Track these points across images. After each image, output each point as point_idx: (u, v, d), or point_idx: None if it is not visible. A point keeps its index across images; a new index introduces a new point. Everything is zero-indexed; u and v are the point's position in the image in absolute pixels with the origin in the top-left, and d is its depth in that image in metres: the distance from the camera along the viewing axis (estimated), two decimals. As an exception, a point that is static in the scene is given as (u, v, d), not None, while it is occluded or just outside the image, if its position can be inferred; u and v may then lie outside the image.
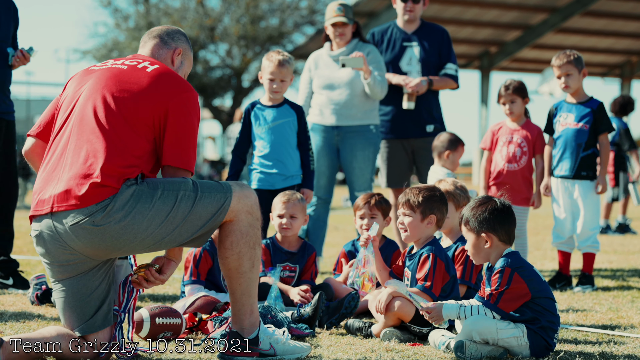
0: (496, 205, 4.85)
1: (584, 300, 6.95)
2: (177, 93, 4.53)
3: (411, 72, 8.68)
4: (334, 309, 5.73)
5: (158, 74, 4.56)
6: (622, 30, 39.53)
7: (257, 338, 4.59)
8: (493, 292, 4.73)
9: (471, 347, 4.67)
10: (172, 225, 4.39)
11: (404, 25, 8.80)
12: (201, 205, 4.43)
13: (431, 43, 8.71)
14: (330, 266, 8.30)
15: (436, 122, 8.72)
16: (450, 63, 8.73)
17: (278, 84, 7.25)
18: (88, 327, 4.48)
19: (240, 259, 4.51)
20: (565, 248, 7.83)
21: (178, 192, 4.42)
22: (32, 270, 8.43)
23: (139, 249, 4.44)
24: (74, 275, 4.45)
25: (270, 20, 41.35)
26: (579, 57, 7.75)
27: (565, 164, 7.75)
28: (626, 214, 14.50)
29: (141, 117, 4.45)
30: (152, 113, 4.46)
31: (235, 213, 4.49)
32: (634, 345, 5.06)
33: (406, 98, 8.54)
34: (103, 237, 4.32)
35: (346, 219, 16.25)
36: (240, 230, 4.50)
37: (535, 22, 37.56)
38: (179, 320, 5.28)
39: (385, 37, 8.79)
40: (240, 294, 4.57)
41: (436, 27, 8.87)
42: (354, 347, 4.99)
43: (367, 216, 6.43)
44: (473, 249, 4.89)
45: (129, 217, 4.32)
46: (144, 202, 4.35)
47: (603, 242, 11.74)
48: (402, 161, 8.72)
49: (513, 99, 7.99)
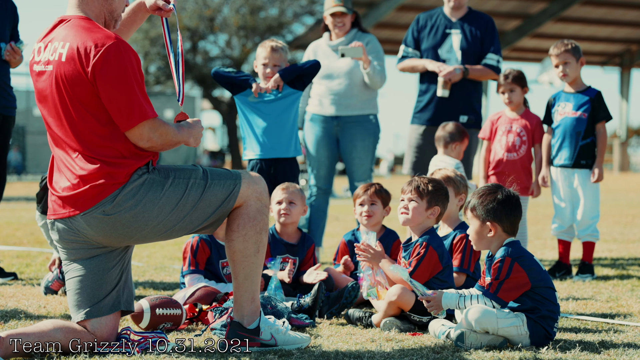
0: (505, 196, 4.85)
1: (583, 289, 6.96)
2: (91, 59, 4.36)
3: (450, 60, 8.52)
4: (334, 299, 5.74)
5: (68, 57, 4.39)
6: (621, 19, 39.49)
7: (258, 328, 4.60)
8: (493, 282, 4.73)
9: (471, 337, 4.67)
10: (183, 212, 4.46)
11: (450, 12, 8.63)
12: (211, 193, 4.51)
13: (474, 31, 8.52)
14: (331, 256, 8.30)
15: (472, 113, 8.55)
16: (491, 53, 8.51)
17: (271, 69, 7.23)
18: (96, 310, 4.49)
19: (246, 242, 4.56)
20: (565, 237, 7.84)
21: (189, 180, 4.50)
22: (32, 261, 8.43)
23: (150, 237, 4.51)
24: (88, 257, 4.51)
25: (269, 11, 41.29)
26: (576, 46, 7.75)
27: (565, 152, 7.76)
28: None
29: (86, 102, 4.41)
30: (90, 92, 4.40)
31: (244, 199, 4.57)
32: (634, 333, 5.07)
33: (441, 85, 8.36)
34: (115, 225, 4.40)
35: (346, 209, 16.24)
36: (248, 214, 4.57)
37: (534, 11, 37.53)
38: (179, 311, 5.28)
39: (429, 23, 8.64)
40: (243, 278, 4.59)
41: (482, 15, 8.67)
42: (354, 337, 5.00)
43: (367, 203, 6.43)
44: (476, 236, 4.89)
45: (140, 205, 4.39)
46: (155, 190, 4.42)
47: (603, 231, 11.75)
48: (428, 149, 8.46)
49: (512, 87, 7.99)
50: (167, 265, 8.40)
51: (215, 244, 6.20)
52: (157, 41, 40.63)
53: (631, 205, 18.78)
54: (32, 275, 7.60)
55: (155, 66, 43.84)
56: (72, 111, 4.40)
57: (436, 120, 8.44)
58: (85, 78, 4.35)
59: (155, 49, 41.22)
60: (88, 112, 4.39)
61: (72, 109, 4.40)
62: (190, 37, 41.33)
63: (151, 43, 40.78)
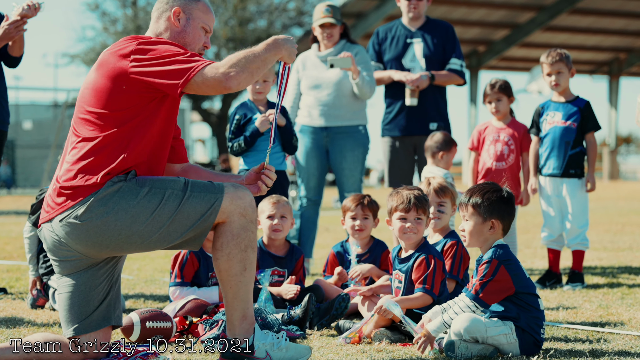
0: (508, 194, 4.87)
1: (574, 297, 6.97)
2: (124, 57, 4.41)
3: (414, 69, 8.53)
4: (325, 310, 5.73)
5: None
6: (609, 28, 39.66)
7: (252, 347, 4.48)
8: (477, 282, 4.73)
9: (462, 347, 4.67)
10: (159, 224, 4.35)
11: (409, 22, 8.66)
12: (189, 205, 4.37)
13: (435, 39, 8.55)
14: (321, 267, 8.29)
15: (441, 119, 8.55)
16: (454, 58, 8.55)
17: (261, 85, 7.23)
18: (84, 326, 4.47)
19: (230, 261, 4.43)
20: (555, 246, 7.85)
21: (165, 190, 4.37)
22: (22, 275, 8.41)
23: (127, 248, 4.42)
24: (76, 271, 4.46)
25: (258, 22, 41.37)
26: (568, 55, 7.77)
27: (553, 162, 7.77)
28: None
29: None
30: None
31: (227, 214, 4.41)
32: (624, 342, 5.07)
33: (409, 94, 8.39)
34: (88, 232, 4.33)
35: (337, 220, 16.23)
36: (232, 232, 4.42)
37: (522, 20, 37.67)
38: (169, 323, 5.27)
39: (389, 35, 8.66)
40: (231, 297, 4.49)
41: (441, 22, 8.72)
42: (344, 349, 4.99)
43: (359, 217, 6.42)
44: (474, 232, 4.85)
45: (112, 212, 4.31)
46: (128, 199, 4.33)
47: (593, 239, 11.77)
48: (405, 160, 8.52)
49: (499, 97, 8.00)
50: (157, 278, 8.39)
51: (204, 256, 6.18)
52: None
53: (621, 214, 18.83)
54: (22, 289, 7.58)
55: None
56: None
57: (407, 130, 8.48)
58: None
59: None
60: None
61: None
62: (179, 49, 41.27)
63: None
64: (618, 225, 15.16)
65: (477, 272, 4.79)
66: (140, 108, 4.41)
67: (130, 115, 4.40)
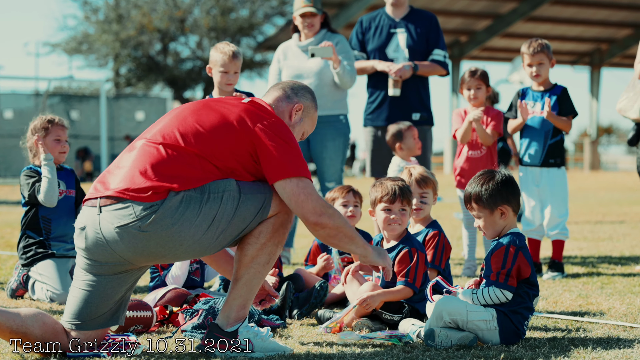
0: (503, 176, 4.86)
1: (553, 287, 6.99)
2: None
3: (398, 59, 8.52)
4: (304, 300, 5.73)
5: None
6: (591, 19, 39.76)
7: (236, 332, 4.49)
8: (501, 271, 4.72)
9: (441, 335, 4.67)
10: (218, 230, 4.35)
11: (392, 11, 8.65)
12: (244, 207, 4.39)
13: (419, 29, 8.54)
14: (302, 257, 8.30)
15: (424, 110, 8.57)
16: (438, 49, 8.55)
17: (232, 76, 7.17)
18: (87, 325, 4.42)
19: (261, 250, 4.45)
20: (535, 235, 7.87)
21: (223, 193, 4.36)
22: (2, 265, 8.37)
23: (182, 256, 4.42)
24: (107, 273, 4.39)
25: (240, 12, 41.30)
26: (549, 45, 7.76)
27: (533, 151, 7.78)
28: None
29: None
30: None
31: (275, 211, 4.47)
32: (603, 331, 5.10)
33: (391, 84, 8.40)
34: (148, 243, 4.27)
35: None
36: (274, 225, 4.47)
37: (504, 10, 37.71)
38: (149, 313, 5.25)
39: (372, 24, 8.65)
40: (243, 282, 4.47)
41: (425, 13, 8.71)
42: (325, 338, 4.99)
43: (351, 203, 6.40)
44: (488, 225, 4.85)
45: (178, 224, 4.28)
46: (193, 208, 4.30)
47: (573, 229, 11.82)
48: (387, 150, 8.45)
49: (479, 84, 7.97)
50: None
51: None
52: (127, 43, 40.46)
53: (601, 204, 18.90)
54: (1, 279, 7.55)
55: (126, 68, 43.65)
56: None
57: (390, 120, 8.48)
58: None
59: (125, 51, 41.04)
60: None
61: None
62: (160, 39, 41.20)
63: (122, 45, 40.59)
64: (598, 215, 15.23)
65: (489, 259, 4.78)
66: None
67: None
